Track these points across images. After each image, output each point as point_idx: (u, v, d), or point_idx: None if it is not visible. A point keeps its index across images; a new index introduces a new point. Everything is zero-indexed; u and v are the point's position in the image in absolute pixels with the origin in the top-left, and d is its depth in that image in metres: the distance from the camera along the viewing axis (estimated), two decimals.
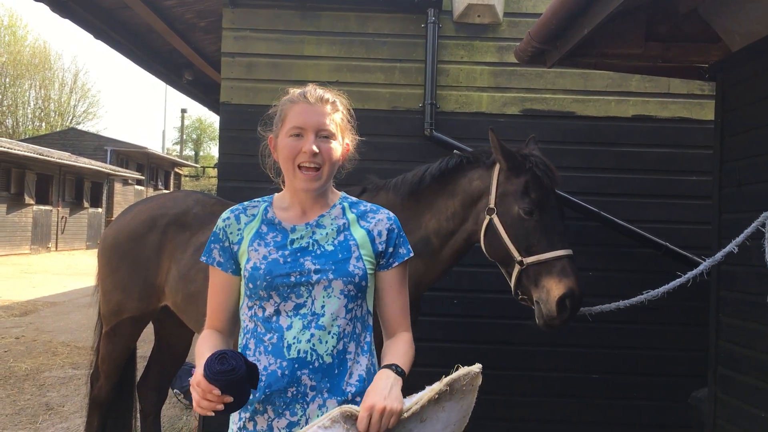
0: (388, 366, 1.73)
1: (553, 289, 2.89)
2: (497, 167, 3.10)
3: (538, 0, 4.46)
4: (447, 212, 3.19)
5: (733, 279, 3.24)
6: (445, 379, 1.65)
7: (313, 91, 1.85)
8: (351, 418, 1.58)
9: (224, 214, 1.89)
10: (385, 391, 1.63)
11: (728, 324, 3.29)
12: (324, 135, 1.80)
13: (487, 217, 3.07)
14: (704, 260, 3.13)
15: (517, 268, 3.00)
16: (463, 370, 1.66)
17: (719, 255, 2.93)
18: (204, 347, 1.76)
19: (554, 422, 4.37)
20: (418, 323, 3.27)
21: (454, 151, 4.19)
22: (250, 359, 1.71)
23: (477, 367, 1.67)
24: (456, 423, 1.67)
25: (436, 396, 1.62)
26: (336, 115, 1.84)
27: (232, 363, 1.50)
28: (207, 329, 1.88)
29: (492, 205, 3.06)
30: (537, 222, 2.97)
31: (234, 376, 1.49)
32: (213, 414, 1.54)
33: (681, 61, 3.45)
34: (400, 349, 1.81)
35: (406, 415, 1.60)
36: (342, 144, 1.86)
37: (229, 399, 1.51)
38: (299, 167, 1.79)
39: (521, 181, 3.03)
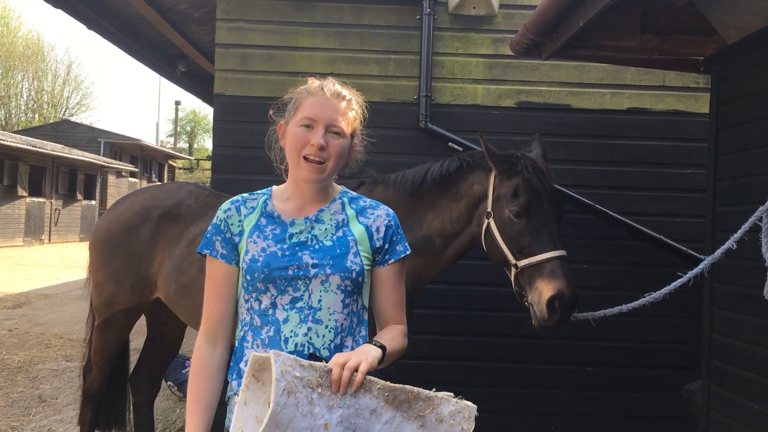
0: (369, 342, 1.72)
1: (543, 291, 2.88)
2: (494, 171, 3.11)
3: None
4: (452, 215, 3.20)
5: (727, 272, 3.24)
6: (434, 392, 1.59)
7: (331, 85, 1.85)
8: (328, 373, 1.56)
9: (225, 206, 1.88)
10: (354, 353, 1.63)
11: (722, 317, 3.30)
12: (334, 131, 1.80)
13: (486, 221, 3.08)
14: (698, 253, 3.13)
15: (513, 271, 3.01)
16: (455, 400, 1.59)
17: (718, 253, 2.89)
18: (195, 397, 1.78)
19: (546, 414, 4.38)
20: (412, 316, 3.26)
21: (450, 144, 4.20)
22: (247, 351, 1.77)
23: (473, 408, 1.58)
24: None
25: (416, 393, 1.57)
26: (350, 113, 1.85)
27: None
28: (203, 340, 1.83)
29: (489, 209, 3.07)
30: (526, 224, 2.96)
31: None
32: None
33: (676, 53, 3.44)
34: (387, 334, 1.81)
35: (378, 384, 1.57)
36: (350, 142, 1.86)
37: None
38: (304, 158, 1.79)
39: (512, 184, 3.02)
